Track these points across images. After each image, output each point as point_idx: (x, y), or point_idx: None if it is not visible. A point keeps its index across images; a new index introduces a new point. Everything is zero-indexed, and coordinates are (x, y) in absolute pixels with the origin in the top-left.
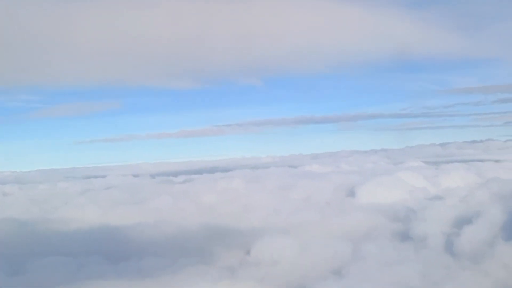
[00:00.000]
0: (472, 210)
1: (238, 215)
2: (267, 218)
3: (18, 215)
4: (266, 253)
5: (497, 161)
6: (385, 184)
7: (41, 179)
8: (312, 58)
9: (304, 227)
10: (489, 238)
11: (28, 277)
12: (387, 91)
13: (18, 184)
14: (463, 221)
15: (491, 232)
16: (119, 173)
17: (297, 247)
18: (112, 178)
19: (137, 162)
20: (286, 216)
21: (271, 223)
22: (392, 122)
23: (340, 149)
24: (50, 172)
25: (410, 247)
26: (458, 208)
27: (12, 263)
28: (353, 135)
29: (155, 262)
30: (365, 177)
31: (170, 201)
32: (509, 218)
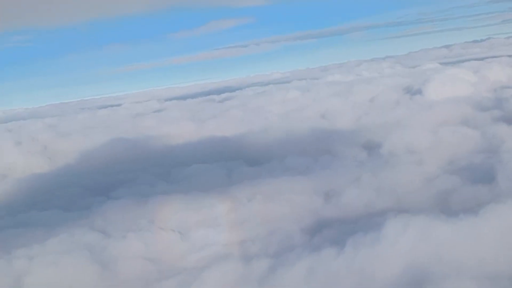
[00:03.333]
0: None
1: (325, 119)
2: (361, 118)
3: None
4: (399, 145)
5: (510, 56)
6: (444, 81)
7: (63, 112)
8: None
9: (407, 120)
10: None
11: (179, 184)
12: (381, 1)
13: (49, 117)
14: None
15: None
16: (133, 100)
17: (428, 136)
18: (131, 105)
19: (143, 90)
20: (376, 115)
21: (367, 122)
22: (389, 31)
23: (346, 60)
24: (63, 106)
25: None
26: None
27: (154, 173)
28: (352, 46)
29: (297, 161)
30: (404, 79)
31: (245, 114)
32: None
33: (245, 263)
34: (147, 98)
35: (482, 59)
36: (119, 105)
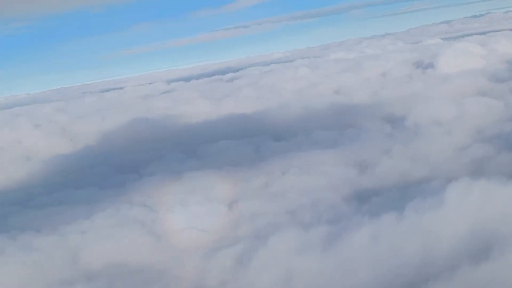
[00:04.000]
0: None
1: (340, 94)
2: (378, 93)
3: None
4: (424, 117)
5: None
6: (455, 54)
7: (66, 97)
8: None
9: (426, 93)
10: None
11: (209, 160)
12: None
13: (55, 101)
14: None
15: None
16: (135, 83)
17: (452, 107)
18: (136, 87)
19: (143, 73)
20: (392, 89)
21: (384, 96)
22: (387, 8)
23: (345, 38)
24: (64, 91)
25: None
26: None
27: (181, 150)
28: (351, 24)
29: (324, 135)
30: (412, 53)
31: (258, 92)
32: None
33: (304, 231)
34: (149, 80)
35: (484, 33)
36: (121, 88)
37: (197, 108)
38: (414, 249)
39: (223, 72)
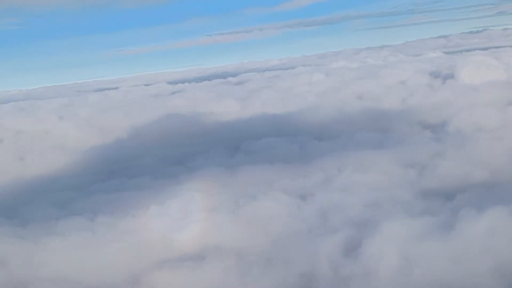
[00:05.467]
0: None
1: (364, 100)
2: (407, 100)
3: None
4: (467, 123)
5: None
6: (476, 66)
7: (61, 94)
8: None
9: (458, 101)
10: None
11: (256, 156)
12: None
13: (57, 98)
14: None
15: None
16: (130, 84)
17: (495, 114)
18: (127, 88)
19: (135, 75)
20: (420, 96)
21: (413, 102)
22: (382, 21)
23: (341, 48)
24: (57, 88)
25: None
26: None
27: (224, 146)
28: (346, 35)
29: (367, 136)
30: (424, 64)
31: (278, 94)
32: None
33: (410, 219)
34: (145, 81)
35: (485, 49)
36: (116, 88)
37: (225, 107)
38: None
39: (221, 76)
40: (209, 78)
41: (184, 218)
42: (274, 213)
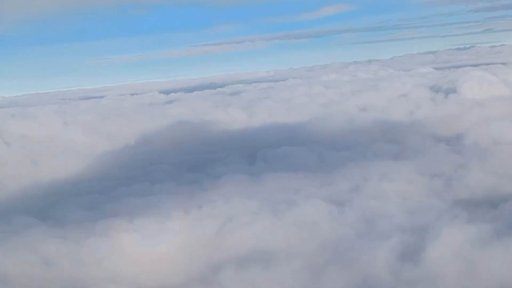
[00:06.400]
0: None
1: (369, 111)
2: (417, 111)
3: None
4: (484, 136)
5: (504, 63)
6: (478, 81)
7: (46, 101)
8: None
9: (466, 115)
10: None
11: (276, 164)
12: (361, 3)
13: (47, 104)
14: None
15: None
16: (115, 93)
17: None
18: (113, 97)
19: (120, 84)
20: (427, 110)
21: (422, 115)
22: (369, 36)
23: (329, 61)
24: (40, 96)
25: None
26: None
27: (240, 153)
28: (330, 49)
29: (385, 147)
30: (421, 79)
31: (281, 104)
32: None
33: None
34: (131, 91)
35: (476, 65)
36: (102, 97)
37: (231, 115)
38: None
39: (208, 87)
40: (197, 88)
41: (228, 221)
42: (316, 219)
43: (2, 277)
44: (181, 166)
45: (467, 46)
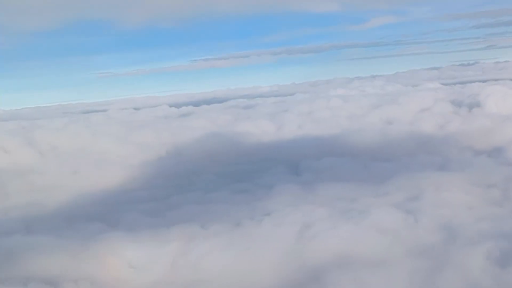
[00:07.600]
0: None
1: (395, 125)
2: (447, 124)
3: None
4: None
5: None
6: (500, 95)
7: (47, 115)
8: None
9: (502, 129)
10: None
11: (323, 175)
12: (361, 20)
13: (54, 118)
14: None
15: None
16: (118, 107)
17: None
18: (117, 111)
19: (120, 98)
20: (458, 123)
21: (453, 129)
22: (369, 51)
23: (331, 77)
24: (41, 109)
25: None
26: None
27: (285, 165)
28: (332, 64)
29: (428, 158)
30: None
31: (304, 117)
32: None
33: None
34: (134, 105)
35: (484, 81)
36: (104, 110)
37: (260, 128)
38: None
39: (211, 101)
40: (202, 102)
41: (306, 228)
42: (394, 226)
43: (93, 282)
44: (225, 177)
45: (471, 62)
